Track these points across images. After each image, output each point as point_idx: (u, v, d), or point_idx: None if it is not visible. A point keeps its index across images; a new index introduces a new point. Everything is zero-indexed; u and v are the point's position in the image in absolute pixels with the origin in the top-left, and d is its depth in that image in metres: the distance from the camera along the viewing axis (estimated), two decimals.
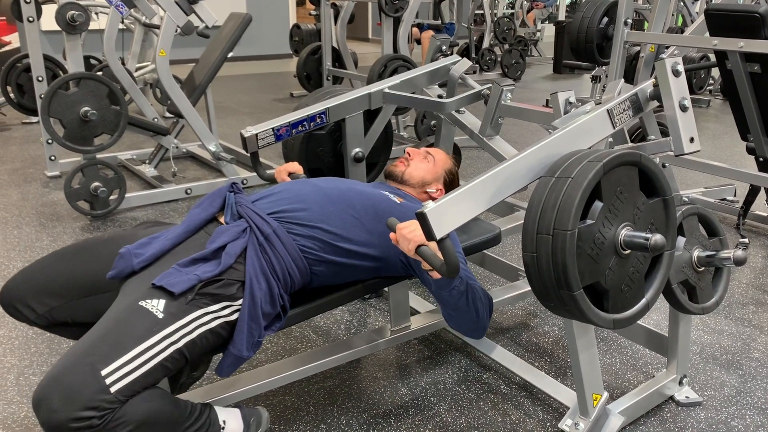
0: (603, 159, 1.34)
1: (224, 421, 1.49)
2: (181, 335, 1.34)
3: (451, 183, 1.95)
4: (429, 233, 1.26)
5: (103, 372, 1.22)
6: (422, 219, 1.25)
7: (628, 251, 1.41)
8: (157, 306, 1.33)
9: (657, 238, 1.34)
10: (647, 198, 1.46)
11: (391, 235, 1.41)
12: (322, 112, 2.10)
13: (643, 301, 1.48)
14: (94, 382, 1.21)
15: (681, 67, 1.66)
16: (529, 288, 2.28)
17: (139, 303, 1.34)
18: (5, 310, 1.53)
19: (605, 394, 1.69)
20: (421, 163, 1.93)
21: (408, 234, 1.36)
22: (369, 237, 1.63)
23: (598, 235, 1.36)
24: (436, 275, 1.46)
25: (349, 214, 1.64)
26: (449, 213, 1.29)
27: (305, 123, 2.07)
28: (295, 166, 1.96)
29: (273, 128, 2.00)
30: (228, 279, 1.43)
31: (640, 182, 1.44)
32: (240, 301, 1.44)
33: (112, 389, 1.22)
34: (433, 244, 1.32)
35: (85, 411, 1.18)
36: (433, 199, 1.70)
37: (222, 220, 1.60)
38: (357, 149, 2.23)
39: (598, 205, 1.36)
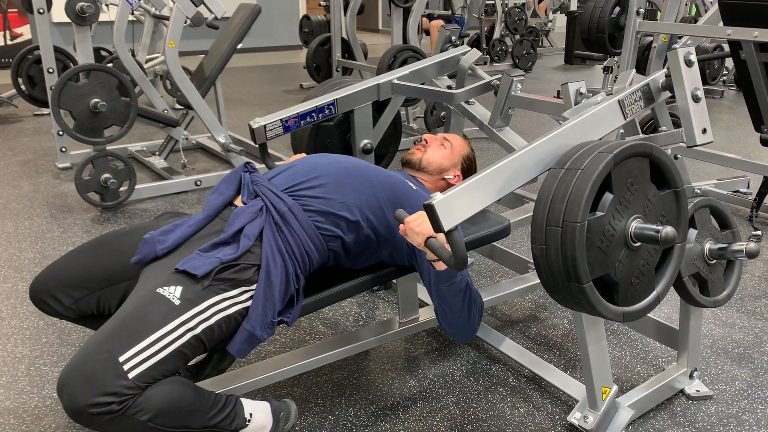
0: (614, 150, 1.33)
1: (251, 414, 1.49)
2: (199, 321, 1.35)
3: (469, 169, 1.94)
4: (437, 225, 1.25)
5: (121, 358, 1.24)
6: (430, 210, 1.25)
7: (638, 244, 1.39)
8: (174, 293, 1.35)
9: (668, 230, 1.32)
10: (658, 190, 1.44)
11: (401, 227, 1.40)
12: (330, 104, 2.09)
13: (654, 294, 1.47)
14: (112, 368, 1.23)
15: (694, 57, 1.63)
16: (539, 280, 2.29)
17: (157, 290, 1.35)
18: (36, 305, 1.56)
19: (615, 388, 1.68)
20: (438, 149, 1.92)
21: (416, 227, 1.36)
22: (383, 215, 1.63)
23: (608, 227, 1.35)
24: (440, 266, 1.46)
25: (366, 188, 1.63)
26: (457, 204, 1.28)
27: (314, 114, 2.06)
28: None
29: (281, 119, 2.00)
30: (245, 263, 1.43)
31: (651, 174, 1.42)
32: (256, 285, 1.45)
33: (130, 375, 1.24)
34: (441, 236, 1.32)
35: (104, 396, 1.20)
36: (452, 185, 1.70)
37: (237, 203, 1.61)
38: (366, 140, 2.22)
39: (608, 196, 1.35)
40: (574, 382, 1.85)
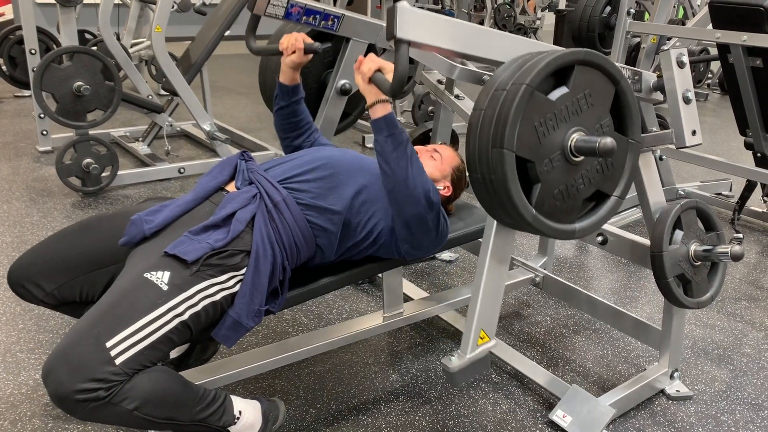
0: (579, 55, 1.30)
1: (240, 412, 1.47)
2: (186, 307, 1.34)
3: (459, 180, 1.90)
4: (391, 29, 1.22)
5: (108, 344, 1.22)
6: (391, 12, 1.21)
7: (580, 158, 1.33)
8: (162, 278, 1.33)
9: (607, 140, 1.25)
10: (617, 132, 1.40)
11: (356, 61, 1.47)
12: (336, 16, 2.00)
13: (573, 226, 1.39)
14: (99, 354, 1.21)
15: (686, 59, 1.64)
16: (524, 277, 2.29)
17: (145, 275, 1.33)
18: (14, 291, 1.51)
19: (494, 341, 1.57)
20: (428, 161, 1.89)
21: (374, 58, 1.44)
22: (379, 211, 1.61)
23: (551, 115, 1.29)
24: (376, 113, 1.46)
25: (361, 183, 1.61)
26: (419, 22, 1.24)
27: (317, 16, 1.97)
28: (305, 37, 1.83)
29: (289, 2, 1.91)
30: (233, 249, 1.42)
31: (612, 106, 1.38)
32: (244, 270, 1.43)
33: (117, 361, 1.22)
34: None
35: (91, 383, 1.18)
36: (442, 196, 1.67)
37: (229, 189, 1.58)
38: (345, 81, 2.14)
39: (563, 90, 1.30)
40: (556, 379, 1.86)
